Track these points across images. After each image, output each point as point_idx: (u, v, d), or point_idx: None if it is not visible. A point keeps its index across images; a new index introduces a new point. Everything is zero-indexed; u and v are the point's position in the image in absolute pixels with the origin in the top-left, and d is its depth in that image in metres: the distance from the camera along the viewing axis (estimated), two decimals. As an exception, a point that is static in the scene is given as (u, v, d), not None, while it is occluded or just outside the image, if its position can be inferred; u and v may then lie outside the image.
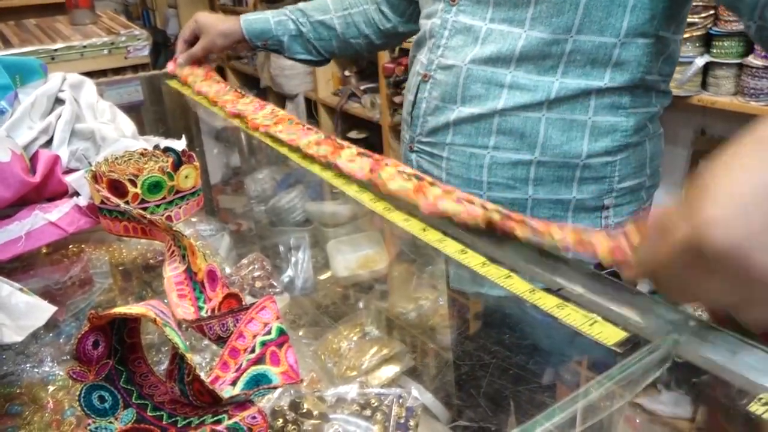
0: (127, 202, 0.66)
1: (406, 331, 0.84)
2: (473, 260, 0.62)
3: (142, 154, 0.71)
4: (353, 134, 3.30)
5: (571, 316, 0.52)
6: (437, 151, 0.93)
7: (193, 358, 0.40)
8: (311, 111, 3.60)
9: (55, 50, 1.89)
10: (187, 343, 0.63)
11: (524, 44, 0.81)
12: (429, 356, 0.81)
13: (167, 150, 0.72)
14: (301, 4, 1.24)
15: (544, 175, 0.86)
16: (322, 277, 0.94)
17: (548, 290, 0.56)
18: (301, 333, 0.79)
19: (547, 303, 0.55)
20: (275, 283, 0.81)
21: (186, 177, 0.70)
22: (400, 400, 0.61)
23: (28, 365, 0.63)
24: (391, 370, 0.75)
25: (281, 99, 3.83)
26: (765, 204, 0.35)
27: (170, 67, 1.31)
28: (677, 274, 0.41)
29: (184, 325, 0.50)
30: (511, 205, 0.86)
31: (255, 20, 1.21)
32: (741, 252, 0.35)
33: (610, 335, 0.50)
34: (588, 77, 0.81)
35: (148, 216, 0.62)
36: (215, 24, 1.21)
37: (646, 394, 0.54)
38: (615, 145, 0.85)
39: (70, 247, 0.79)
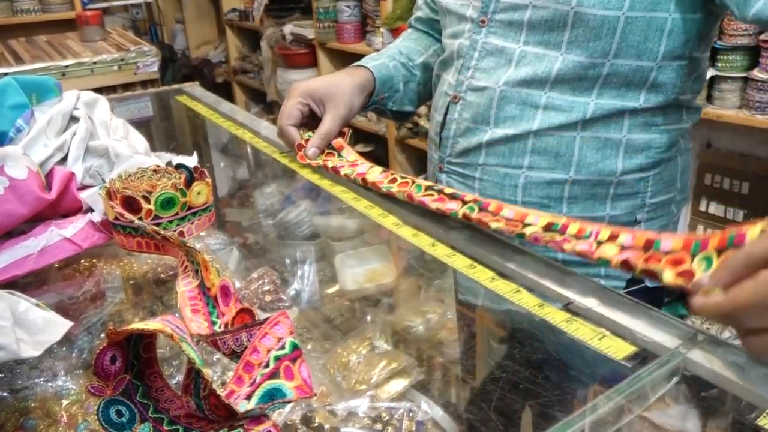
0: (140, 218, 0.67)
1: (414, 345, 0.84)
2: (482, 275, 0.63)
3: (155, 170, 0.72)
4: (359, 147, 3.32)
5: (580, 331, 0.53)
6: (469, 171, 0.92)
7: (209, 373, 0.41)
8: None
9: (66, 66, 1.92)
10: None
11: (561, 67, 0.81)
12: (438, 370, 0.81)
13: (180, 166, 0.73)
14: (393, 49, 1.06)
15: (579, 193, 0.86)
16: (330, 290, 0.95)
17: (558, 305, 0.57)
18: (309, 347, 0.79)
19: (556, 317, 0.55)
20: (284, 297, 0.82)
21: (198, 193, 0.71)
22: (411, 414, 0.61)
23: (41, 379, 0.64)
24: (400, 384, 0.75)
25: (287, 113, 3.85)
26: None
27: (302, 158, 0.95)
28: None
29: (197, 340, 0.51)
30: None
31: (378, 65, 1.00)
32: None
33: (618, 349, 0.50)
34: (623, 98, 0.82)
35: (162, 232, 0.63)
36: (339, 84, 0.94)
37: (654, 408, 0.54)
38: (649, 162, 0.86)
39: (83, 262, 0.80)
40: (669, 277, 0.49)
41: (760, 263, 0.43)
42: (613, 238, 0.55)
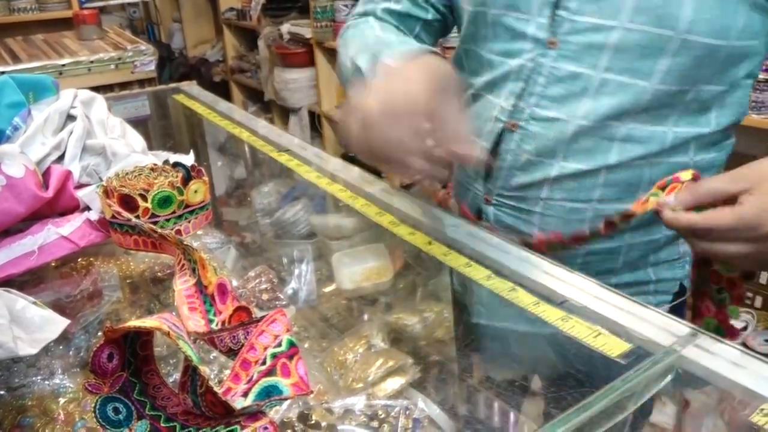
0: (137, 217, 0.67)
1: (411, 343, 0.84)
2: (478, 273, 0.63)
3: (152, 169, 0.72)
4: (355, 146, 3.32)
5: (576, 329, 0.53)
6: (527, 206, 0.82)
7: (206, 371, 0.41)
8: (315, 124, 3.62)
9: (63, 65, 1.92)
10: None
11: (650, 98, 0.73)
12: (434, 368, 0.81)
13: (177, 165, 0.73)
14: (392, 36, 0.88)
15: (642, 219, 0.81)
16: (327, 289, 0.95)
17: (552, 302, 0.57)
18: (307, 345, 0.80)
19: (552, 315, 0.55)
20: (281, 296, 0.82)
21: (195, 191, 0.71)
22: (407, 412, 0.61)
23: (39, 378, 0.64)
24: (396, 382, 0.75)
25: (285, 112, 3.86)
26: None
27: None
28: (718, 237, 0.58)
29: (194, 338, 0.51)
30: (609, 254, 0.83)
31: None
32: None
33: (614, 347, 0.51)
34: (697, 124, 0.77)
35: (159, 230, 0.63)
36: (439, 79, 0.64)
37: (681, 412, 0.54)
38: None
39: (80, 260, 0.80)
40: (632, 207, 0.66)
41: (717, 194, 0.58)
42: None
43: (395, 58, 0.67)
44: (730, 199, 0.57)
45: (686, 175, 0.62)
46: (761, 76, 1.84)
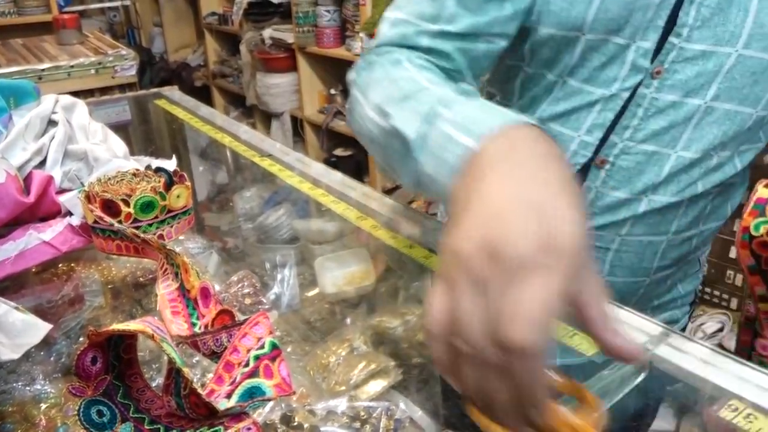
0: (120, 222, 0.67)
1: (393, 346, 0.85)
2: (458, 276, 0.64)
3: (134, 174, 0.73)
4: (339, 151, 3.33)
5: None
6: (603, 243, 0.76)
7: (189, 373, 0.42)
8: (297, 129, 3.63)
9: (42, 70, 1.91)
10: (179, 359, 0.64)
11: (750, 125, 0.68)
12: (416, 370, 0.82)
13: (159, 170, 0.73)
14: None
15: (699, 243, 0.80)
16: (310, 293, 0.95)
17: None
18: (289, 349, 0.80)
19: (529, 316, 0.57)
20: (264, 300, 0.83)
21: (178, 197, 0.71)
22: (389, 413, 0.62)
23: (19, 383, 0.64)
24: (379, 385, 0.76)
25: (267, 117, 3.85)
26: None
27: None
28: None
29: (177, 342, 0.52)
30: (666, 280, 0.82)
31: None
32: None
33: (589, 346, 0.52)
34: (754, 150, 0.74)
35: (142, 235, 0.64)
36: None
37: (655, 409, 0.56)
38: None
39: (61, 265, 0.80)
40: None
41: None
42: None
43: (488, 140, 0.41)
44: None
45: (765, 191, 0.56)
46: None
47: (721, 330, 2.10)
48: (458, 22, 0.65)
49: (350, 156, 3.28)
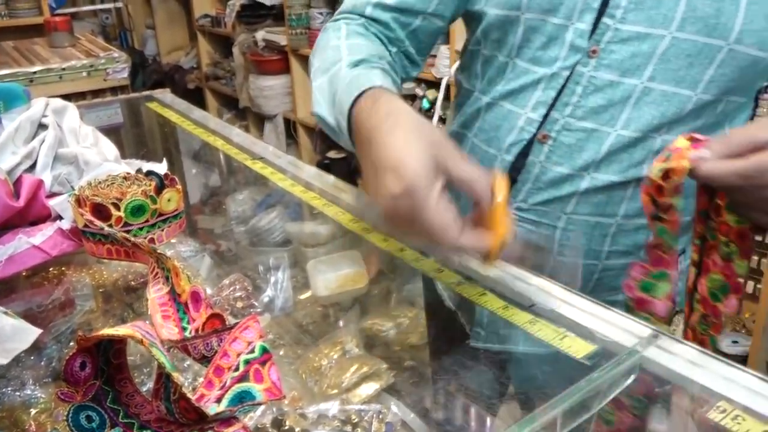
0: (110, 225, 0.67)
1: (385, 349, 0.85)
2: (449, 278, 0.64)
3: (125, 177, 0.73)
4: (332, 154, 3.33)
5: (543, 332, 0.55)
6: (549, 221, 0.79)
7: (179, 377, 0.42)
8: (290, 131, 3.62)
9: (34, 73, 1.90)
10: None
11: (691, 108, 0.71)
12: (408, 373, 0.82)
13: (150, 174, 0.73)
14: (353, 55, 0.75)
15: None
16: (302, 296, 0.95)
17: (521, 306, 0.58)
18: (281, 352, 0.80)
19: (520, 319, 0.57)
20: (256, 303, 0.83)
21: (169, 200, 0.71)
22: (380, 416, 0.62)
23: (9, 389, 0.64)
24: (371, 388, 0.76)
25: (260, 120, 3.85)
26: None
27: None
28: None
29: (168, 346, 0.51)
30: (622, 269, 0.80)
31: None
32: None
33: (579, 349, 0.52)
34: (717, 134, 0.75)
35: (132, 239, 0.64)
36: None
37: (644, 411, 0.56)
38: None
39: (51, 269, 0.80)
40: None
41: (757, 141, 0.53)
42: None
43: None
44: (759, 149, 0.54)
45: (682, 142, 0.58)
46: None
47: (713, 331, 2.12)
48: None
49: (343, 158, 3.28)
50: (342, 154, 3.30)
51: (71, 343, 0.69)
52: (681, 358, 0.50)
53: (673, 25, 0.68)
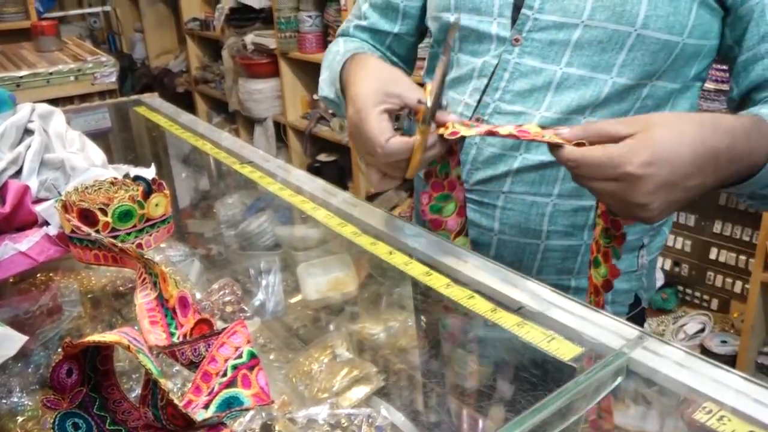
0: (97, 231, 0.67)
1: (376, 352, 0.85)
2: (437, 282, 0.65)
3: (112, 183, 0.72)
4: (322, 157, 3.33)
5: (531, 334, 0.55)
6: (489, 200, 0.84)
7: (167, 384, 0.41)
8: (280, 134, 3.62)
9: (21, 77, 1.88)
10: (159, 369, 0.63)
11: (609, 91, 0.76)
12: (399, 376, 0.82)
13: (137, 179, 0.73)
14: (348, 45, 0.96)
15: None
16: (293, 300, 0.95)
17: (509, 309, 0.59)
18: (272, 357, 0.80)
19: (508, 322, 0.57)
20: (246, 308, 0.82)
21: (156, 205, 0.71)
22: (370, 420, 0.62)
23: (-4, 396, 0.63)
24: (361, 391, 0.76)
25: (250, 123, 3.84)
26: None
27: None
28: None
29: (156, 352, 0.51)
30: (566, 251, 0.85)
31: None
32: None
33: (566, 351, 0.53)
34: None
35: (119, 244, 0.63)
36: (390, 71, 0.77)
37: (615, 409, 0.56)
38: None
39: (39, 276, 0.79)
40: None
41: (607, 134, 0.60)
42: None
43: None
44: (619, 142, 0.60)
45: (533, 126, 0.65)
46: (712, 86, 1.90)
47: (702, 331, 2.12)
48: (367, 19, 0.98)
49: (334, 161, 3.28)
50: (332, 157, 3.30)
51: (59, 350, 0.68)
52: (668, 359, 0.50)
53: (584, 14, 0.74)
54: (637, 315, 0.91)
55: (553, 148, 0.62)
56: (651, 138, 0.58)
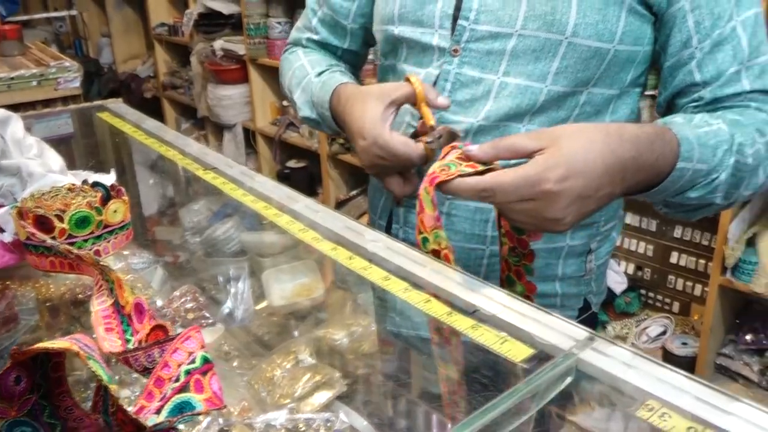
0: (54, 238, 0.66)
1: (339, 357, 0.85)
2: (395, 286, 0.65)
3: (69, 189, 0.72)
4: (292, 163, 3.32)
5: (484, 336, 0.56)
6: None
7: (118, 390, 0.41)
8: (249, 141, 3.60)
9: (-19, 82, 1.85)
10: (117, 377, 0.63)
11: (545, 99, 0.78)
12: (361, 380, 0.83)
13: (96, 185, 0.72)
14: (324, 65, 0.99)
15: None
16: (259, 307, 0.95)
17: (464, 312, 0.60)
18: (235, 363, 0.80)
19: (463, 324, 0.58)
20: (208, 315, 0.82)
21: (115, 211, 0.70)
22: (328, 424, 0.63)
23: (-52, 406, 0.62)
24: (323, 396, 0.76)
25: (219, 129, 3.82)
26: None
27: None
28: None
29: (111, 359, 0.51)
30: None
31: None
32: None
33: (518, 353, 0.54)
34: None
35: (75, 251, 0.63)
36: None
37: (580, 411, 0.58)
38: None
39: (-6, 283, 0.78)
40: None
41: (517, 149, 0.62)
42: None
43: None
44: (529, 156, 0.61)
45: (437, 164, 0.66)
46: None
47: (664, 333, 2.17)
48: (318, 34, 1.02)
49: (303, 167, 3.27)
50: (302, 164, 3.29)
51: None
52: (615, 359, 0.52)
53: (517, 24, 0.76)
54: (587, 319, 0.93)
55: (450, 184, 0.62)
56: (561, 152, 0.59)
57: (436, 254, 0.70)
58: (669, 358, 2.08)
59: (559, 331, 0.56)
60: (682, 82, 0.78)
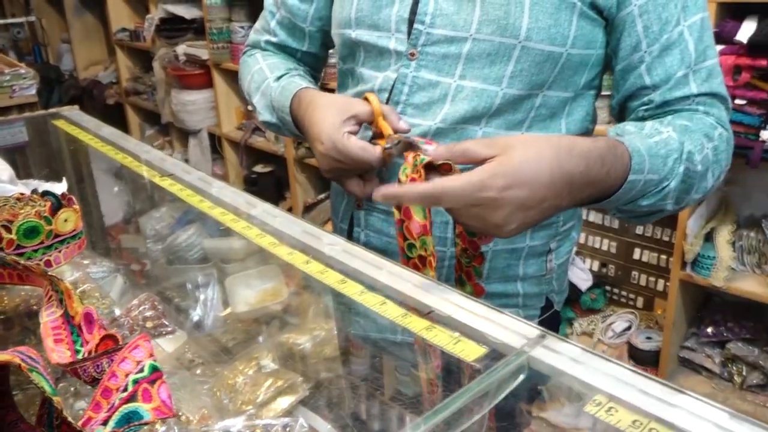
0: (1, 249, 0.65)
1: (301, 362, 0.85)
2: (352, 289, 0.66)
3: (18, 199, 0.70)
4: (259, 168, 3.30)
5: (438, 337, 0.57)
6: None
7: (62, 402, 0.41)
8: (215, 146, 3.57)
9: (-68, 90, 1.80)
10: (72, 389, 0.62)
11: (501, 102, 0.79)
12: (324, 384, 0.83)
13: (46, 194, 0.71)
14: (269, 63, 1.01)
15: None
16: (222, 313, 0.94)
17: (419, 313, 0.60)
18: (198, 371, 0.79)
19: (418, 326, 0.59)
20: (167, 323, 0.81)
21: (65, 221, 0.69)
22: (287, 429, 0.62)
23: None
24: (286, 401, 0.76)
25: (184, 135, 3.77)
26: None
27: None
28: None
29: (56, 370, 0.50)
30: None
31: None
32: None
33: (471, 352, 0.54)
34: (548, 130, 0.83)
35: (23, 261, 0.62)
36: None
37: (550, 407, 0.58)
38: None
39: (-58, 296, 0.76)
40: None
41: (470, 155, 0.63)
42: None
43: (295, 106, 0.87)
44: (481, 163, 0.62)
45: (402, 174, 0.69)
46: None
47: (629, 328, 2.21)
48: (277, 36, 1.02)
49: (271, 172, 3.26)
50: (269, 168, 3.28)
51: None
52: (565, 356, 0.53)
53: (472, 28, 0.77)
54: (550, 318, 0.94)
55: (407, 189, 0.63)
56: (511, 162, 0.61)
57: (422, 260, 0.71)
58: (634, 352, 2.12)
59: (510, 329, 0.57)
60: (633, 85, 0.79)
